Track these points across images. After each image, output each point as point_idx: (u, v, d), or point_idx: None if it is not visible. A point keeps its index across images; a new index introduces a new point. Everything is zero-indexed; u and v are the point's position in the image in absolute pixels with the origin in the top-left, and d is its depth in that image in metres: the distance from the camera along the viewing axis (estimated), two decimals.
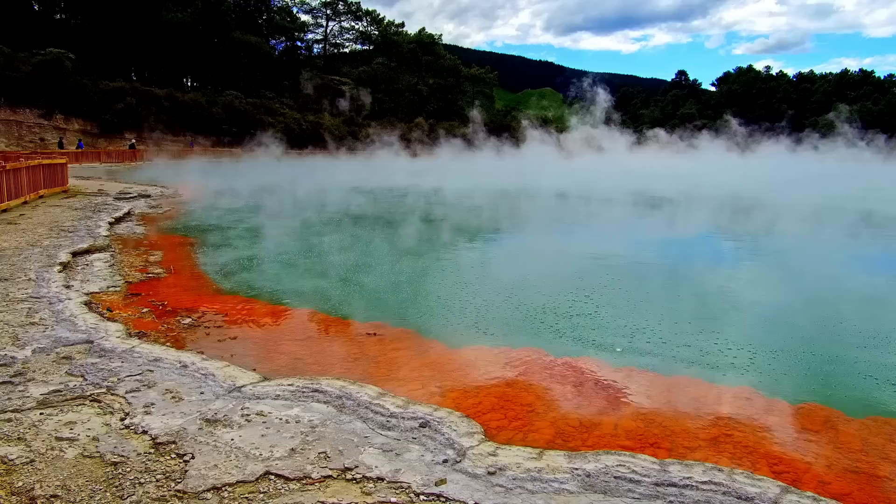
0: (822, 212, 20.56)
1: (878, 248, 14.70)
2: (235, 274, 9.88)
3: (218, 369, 5.04)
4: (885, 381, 5.76)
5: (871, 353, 6.53)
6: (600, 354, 6.30)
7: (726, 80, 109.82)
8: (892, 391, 5.55)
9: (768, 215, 19.74)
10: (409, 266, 11.08)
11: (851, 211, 21.10)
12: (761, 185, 30.72)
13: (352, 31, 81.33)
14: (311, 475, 3.44)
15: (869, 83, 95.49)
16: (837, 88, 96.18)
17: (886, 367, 6.13)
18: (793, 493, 3.39)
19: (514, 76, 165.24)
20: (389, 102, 75.09)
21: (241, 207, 19.57)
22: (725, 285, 9.90)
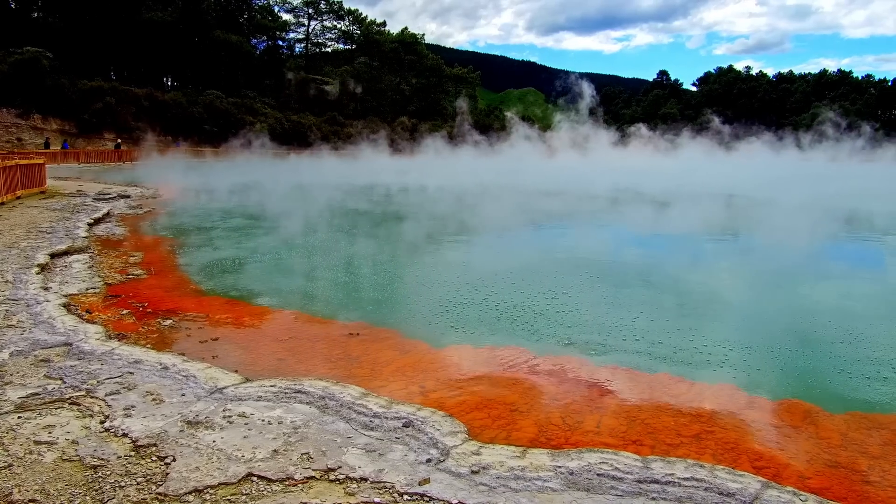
0: (802, 209, 20.79)
1: (855, 244, 14.89)
2: (217, 274, 9.81)
3: (199, 371, 5.00)
4: (863, 377, 5.84)
5: (850, 349, 6.61)
6: (583, 353, 6.33)
7: (707, 81, 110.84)
8: (870, 386, 5.62)
9: (749, 213, 19.93)
10: (391, 265, 11.08)
11: (830, 208, 21.35)
12: (747, 183, 31.02)
13: (334, 30, 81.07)
14: (294, 476, 3.43)
15: (847, 83, 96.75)
16: (816, 88, 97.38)
17: (864, 362, 6.21)
18: (773, 488, 3.43)
19: (496, 76, 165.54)
20: (372, 102, 74.89)
21: (222, 207, 19.45)
22: (705, 282, 9.99)
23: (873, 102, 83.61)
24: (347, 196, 22.97)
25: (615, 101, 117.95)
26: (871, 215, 20.24)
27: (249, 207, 19.73)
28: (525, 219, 18.23)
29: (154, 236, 13.59)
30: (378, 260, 11.37)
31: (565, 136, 61.63)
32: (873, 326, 7.58)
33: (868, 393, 5.48)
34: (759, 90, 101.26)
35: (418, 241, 13.71)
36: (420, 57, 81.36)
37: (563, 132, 62.61)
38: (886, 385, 5.64)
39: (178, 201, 21.11)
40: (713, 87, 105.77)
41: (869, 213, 20.87)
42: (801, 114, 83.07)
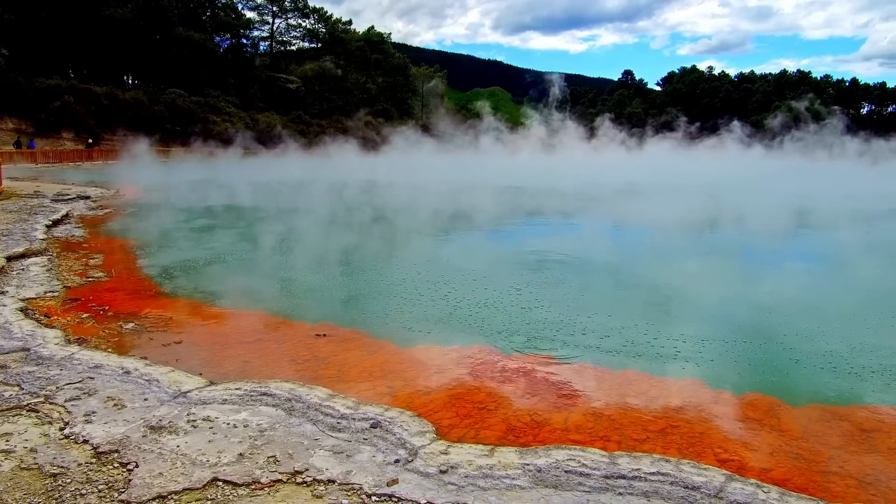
0: (768, 207, 21.19)
1: (816, 241, 15.25)
2: (180, 276, 9.65)
3: (162, 375, 4.91)
4: (822, 370, 5.99)
5: (809, 343, 6.77)
6: (550, 351, 6.37)
7: (671, 80, 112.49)
8: (829, 379, 5.76)
9: (715, 210, 20.25)
10: (358, 265, 11.01)
11: (794, 206, 21.80)
12: (716, 181, 31.51)
13: (299, 28, 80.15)
14: (261, 480, 3.39)
15: (806, 83, 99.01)
16: (776, 88, 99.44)
17: (822, 355, 6.37)
18: (737, 480, 3.49)
19: (463, 75, 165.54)
20: (338, 101, 74.38)
21: (185, 207, 19.12)
22: (669, 280, 10.13)
23: (832, 102, 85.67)
24: (315, 195, 22.76)
25: (581, 101, 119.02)
26: (829, 213, 20.72)
27: (213, 207, 19.45)
28: (492, 216, 18.28)
29: (115, 238, 13.32)
30: (345, 260, 11.29)
31: (536, 133, 61.98)
32: (830, 321, 7.77)
33: (827, 386, 5.62)
34: (721, 90, 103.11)
35: (386, 240, 13.65)
36: (386, 56, 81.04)
37: (534, 129, 62.95)
38: (844, 377, 5.79)
39: (140, 202, 20.72)
40: (677, 87, 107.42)
41: (826, 210, 21.37)
42: (763, 113, 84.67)
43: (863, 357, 6.32)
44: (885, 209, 21.84)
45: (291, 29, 79.92)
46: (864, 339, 6.90)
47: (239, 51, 73.11)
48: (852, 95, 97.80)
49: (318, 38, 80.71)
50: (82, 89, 51.00)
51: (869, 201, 23.84)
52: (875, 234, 16.30)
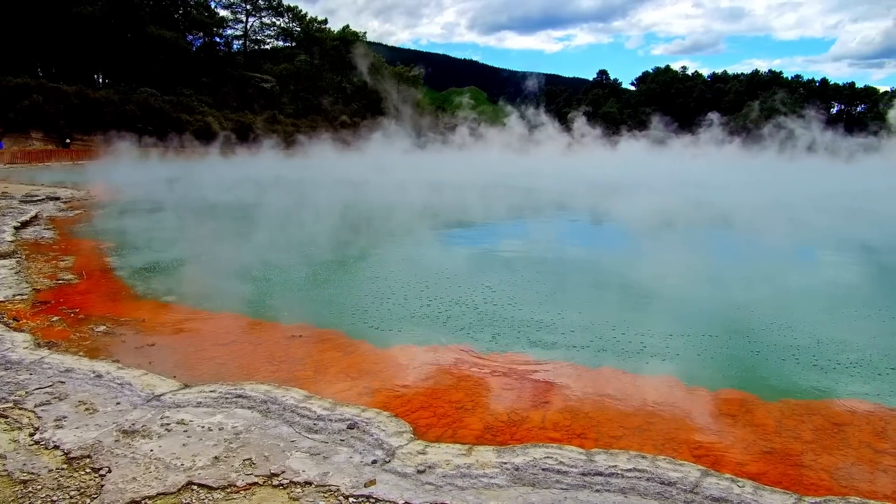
0: (740, 204, 21.47)
1: (784, 238, 15.47)
2: (153, 278, 9.52)
3: (135, 378, 4.84)
4: (795, 365, 6.08)
5: (781, 339, 6.86)
6: (526, 350, 6.39)
7: (645, 80, 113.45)
8: (801, 374, 5.85)
9: (687, 209, 20.47)
10: (332, 265, 10.95)
11: (766, 203, 22.10)
12: (693, 179, 31.85)
13: (273, 27, 79.42)
14: (236, 483, 3.35)
15: (778, 83, 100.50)
16: (749, 88, 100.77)
17: (794, 350, 6.46)
18: (712, 475, 3.53)
19: (439, 75, 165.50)
20: (313, 100, 73.90)
21: (158, 207, 18.87)
22: (642, 277, 10.21)
23: (802, 102, 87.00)
24: (288, 195, 22.59)
25: (557, 100, 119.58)
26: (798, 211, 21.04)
27: (186, 208, 19.21)
28: (468, 215, 18.31)
29: (86, 239, 13.11)
30: (319, 259, 11.23)
31: (514, 131, 62.19)
32: (801, 316, 7.89)
33: (799, 380, 5.71)
34: (695, 90, 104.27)
35: (361, 240, 13.60)
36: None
37: (513, 127, 63.15)
38: (816, 372, 5.88)
39: (112, 202, 20.42)
40: (651, 87, 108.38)
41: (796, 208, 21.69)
42: (736, 112, 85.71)
43: (833, 352, 6.42)
44: (854, 206, 22.22)
45: (265, 28, 79.25)
46: (834, 335, 7.02)
47: (212, 49, 72.32)
48: (822, 95, 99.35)
49: (292, 37, 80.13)
50: (51, 88, 50.08)
51: (840, 199, 24.25)
52: (848, 232, 16.60)
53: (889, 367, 6.03)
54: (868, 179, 34.61)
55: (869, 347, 6.58)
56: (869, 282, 10.38)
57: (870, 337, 6.99)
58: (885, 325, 7.63)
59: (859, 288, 9.81)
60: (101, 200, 20.77)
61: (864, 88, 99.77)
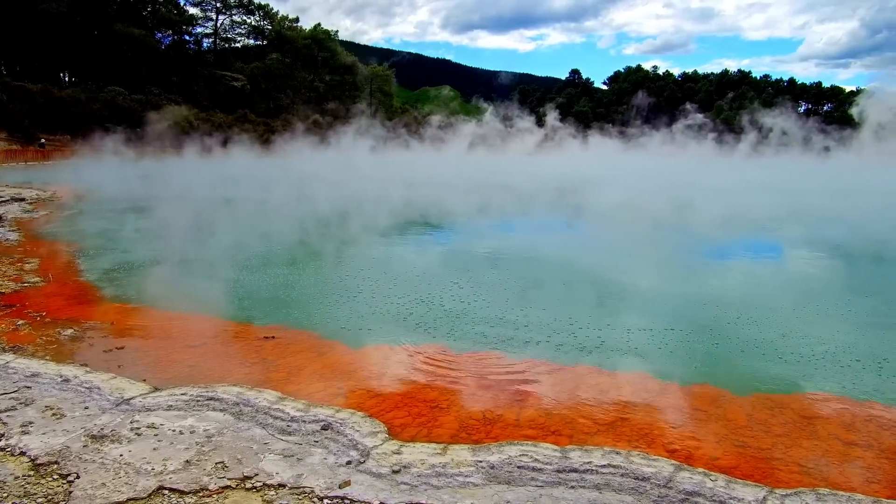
0: (708, 202, 21.76)
1: (752, 235, 15.74)
2: (121, 280, 9.36)
3: (104, 382, 4.76)
4: (765, 359, 6.17)
5: (751, 334, 6.96)
6: (501, 348, 6.40)
7: (617, 79, 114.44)
8: (771, 368, 5.94)
9: (659, 207, 20.69)
10: (304, 265, 10.88)
11: (737, 202, 22.43)
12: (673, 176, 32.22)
13: (244, 25, 78.58)
14: (209, 487, 3.31)
15: (746, 83, 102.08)
16: (718, 87, 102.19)
17: (764, 345, 6.56)
18: (685, 470, 3.56)
19: (412, 74, 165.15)
20: (285, 99, 73.31)
21: (125, 209, 18.57)
22: (613, 275, 10.31)
23: (770, 101, 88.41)
24: (261, 194, 22.38)
25: (530, 99, 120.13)
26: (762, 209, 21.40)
27: (155, 208, 18.93)
28: (438, 214, 18.30)
29: (52, 241, 12.84)
30: (291, 260, 11.14)
31: (490, 130, 62.42)
32: (771, 311, 8.01)
33: (770, 375, 5.79)
34: (665, 89, 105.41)
35: (332, 240, 13.50)
36: (333, 54, 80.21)
37: (488, 126, 63.38)
38: (785, 366, 5.98)
39: (79, 203, 20.04)
40: (623, 86, 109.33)
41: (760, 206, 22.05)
42: (706, 111, 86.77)
43: (802, 346, 6.53)
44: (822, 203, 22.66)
45: (236, 26, 78.43)
46: (803, 329, 7.15)
47: (181, 48, 71.44)
48: (790, 94, 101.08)
49: (263, 36, 79.41)
50: (15, 87, 49.01)
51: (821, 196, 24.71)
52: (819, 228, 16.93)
53: (854, 360, 6.14)
54: (836, 177, 35.30)
55: (835, 341, 6.71)
56: (833, 277, 10.59)
57: (835, 331, 7.12)
58: (850, 319, 7.78)
59: (823, 283, 10.00)
60: (68, 201, 20.38)
61: (831, 88, 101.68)
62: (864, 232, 16.07)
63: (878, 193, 25.79)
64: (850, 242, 14.39)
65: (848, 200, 23.35)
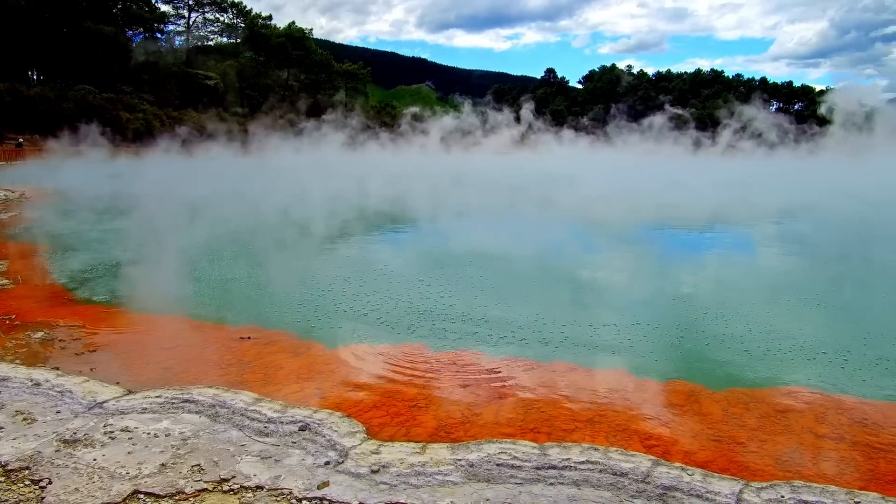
0: (680, 199, 21.99)
1: (724, 232, 15.95)
2: (93, 281, 9.22)
3: (76, 385, 4.67)
4: (739, 354, 6.25)
5: (725, 329, 7.05)
6: (479, 346, 6.41)
7: (591, 78, 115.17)
8: (745, 363, 6.02)
9: (626, 206, 20.87)
10: (280, 265, 10.78)
11: (708, 198, 22.70)
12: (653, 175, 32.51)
13: (216, 22, 77.91)
14: (185, 490, 3.26)
15: (719, 82, 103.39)
16: (692, 87, 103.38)
17: (738, 340, 6.64)
18: (663, 465, 3.59)
19: (387, 72, 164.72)
20: (259, 98, 72.70)
21: (96, 209, 18.28)
22: (588, 273, 10.39)
23: (742, 100, 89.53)
24: (234, 194, 22.17)
25: (506, 98, 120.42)
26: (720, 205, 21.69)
27: (126, 208, 18.65)
28: (412, 214, 18.29)
29: (21, 242, 12.61)
30: (266, 260, 11.04)
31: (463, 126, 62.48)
32: (744, 306, 8.12)
33: (744, 369, 5.87)
34: (640, 88, 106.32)
35: (308, 240, 13.42)
36: (308, 52, 79.69)
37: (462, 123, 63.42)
38: (759, 361, 6.06)
39: (48, 204, 19.70)
40: (597, 85, 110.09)
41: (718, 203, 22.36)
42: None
43: (775, 341, 6.62)
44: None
45: (209, 23, 77.79)
46: (776, 324, 7.24)
47: (153, 45, 70.43)
48: (762, 93, 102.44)
49: (236, 34, 78.70)
50: None
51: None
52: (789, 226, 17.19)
53: (823, 354, 6.25)
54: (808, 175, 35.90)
55: (806, 336, 6.81)
56: (802, 272, 10.76)
57: (807, 325, 7.23)
58: (821, 313, 7.92)
59: (791, 277, 10.16)
60: (37, 202, 20.02)
61: (802, 87, 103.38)
62: (831, 227, 16.37)
63: (845, 191, 26.26)
64: (818, 238, 14.65)
65: (820, 197, 23.77)
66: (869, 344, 6.59)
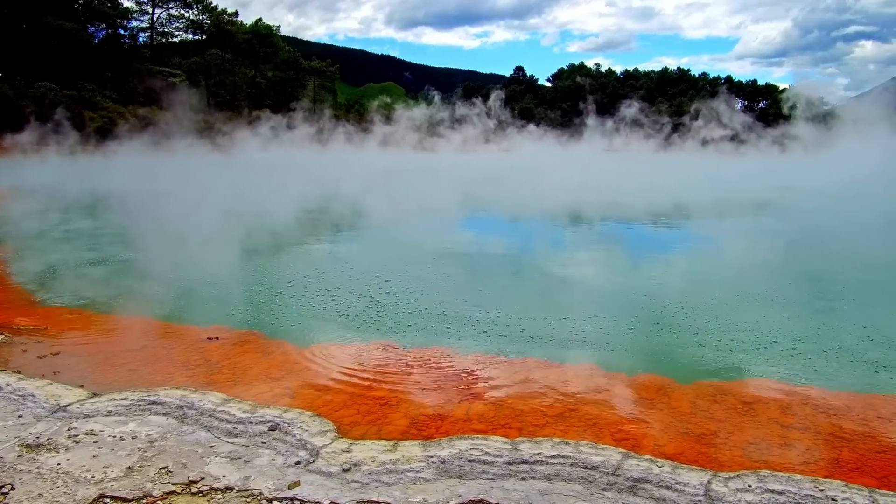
0: (643, 197, 22.26)
1: (687, 227, 16.19)
2: (55, 283, 9.01)
3: (38, 389, 4.57)
4: (706, 348, 6.34)
5: (692, 323, 7.15)
6: (449, 343, 6.41)
7: (560, 77, 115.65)
8: (712, 356, 6.11)
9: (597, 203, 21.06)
10: (247, 264, 10.65)
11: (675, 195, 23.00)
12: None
13: (181, 19, 76.59)
14: (153, 493, 3.21)
15: (685, 81, 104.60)
16: (659, 85, 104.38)
17: (705, 334, 6.75)
18: (633, 458, 3.63)
19: (356, 70, 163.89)
20: (226, 95, 71.71)
21: (57, 209, 17.87)
22: (556, 269, 10.47)
23: (707, 98, 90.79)
24: (199, 192, 21.85)
25: (474, 96, 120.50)
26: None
27: (88, 207, 18.29)
28: (383, 211, 18.22)
29: None
30: (233, 259, 10.90)
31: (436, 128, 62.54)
32: (708, 301, 8.25)
33: (711, 363, 5.96)
34: (608, 86, 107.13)
35: (274, 239, 13.29)
36: (276, 49, 78.77)
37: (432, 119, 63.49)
38: (726, 354, 6.16)
39: (6, 204, 19.21)
40: (566, 83, 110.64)
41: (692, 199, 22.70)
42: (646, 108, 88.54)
43: (741, 334, 6.73)
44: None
45: (173, 20, 76.38)
46: (744, 319, 7.36)
47: (115, 42, 68.98)
48: (727, 92, 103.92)
49: (202, 30, 77.47)
50: None
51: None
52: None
53: (790, 346, 6.37)
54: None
55: (772, 328, 6.93)
56: (763, 266, 10.96)
57: (772, 318, 7.36)
58: (784, 306, 8.07)
59: (756, 271, 10.34)
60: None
61: (766, 86, 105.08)
62: (798, 223, 16.72)
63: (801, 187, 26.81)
64: (783, 232, 14.93)
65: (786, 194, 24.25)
66: (832, 336, 6.73)
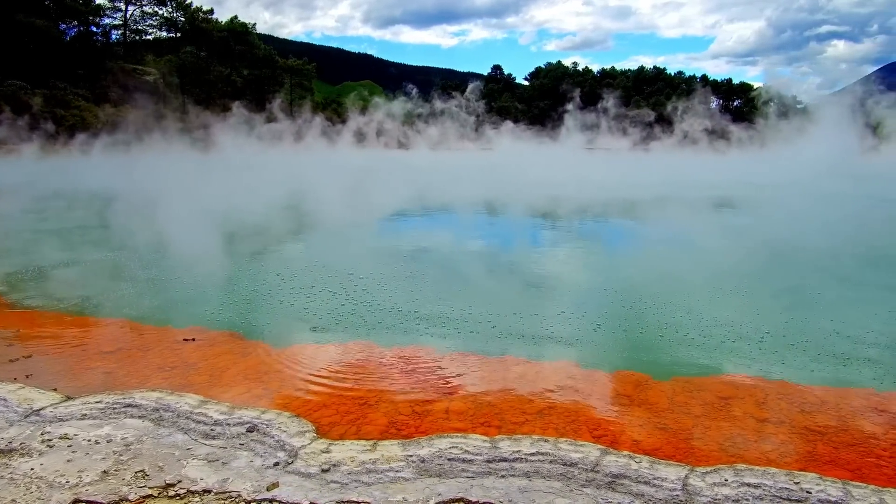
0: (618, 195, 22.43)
1: (666, 225, 16.33)
2: (26, 284, 8.86)
3: (10, 392, 4.49)
4: (683, 345, 6.41)
5: (669, 320, 7.21)
6: (428, 342, 6.41)
7: (538, 75, 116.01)
8: (689, 353, 6.18)
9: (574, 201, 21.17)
10: (223, 264, 10.54)
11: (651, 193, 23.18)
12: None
13: (155, 16, 75.55)
14: (129, 497, 3.17)
15: (661, 79, 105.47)
16: (635, 84, 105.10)
17: (682, 330, 6.82)
18: (611, 454, 3.66)
19: (333, 68, 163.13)
20: (201, 94, 70.94)
21: (27, 210, 17.56)
22: (534, 267, 10.51)
23: (684, 97, 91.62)
24: (173, 193, 21.58)
25: (452, 94, 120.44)
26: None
27: (60, 208, 17.98)
28: (362, 211, 18.16)
29: None
30: (209, 259, 10.77)
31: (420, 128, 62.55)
32: (686, 298, 8.33)
33: (688, 359, 6.02)
34: (585, 85, 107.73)
35: (251, 240, 13.17)
36: (252, 47, 78.04)
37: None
38: (702, 350, 6.23)
39: None
40: (543, 82, 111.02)
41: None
42: (625, 106, 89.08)
43: (717, 331, 6.81)
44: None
45: (147, 17, 75.32)
46: (717, 315, 7.45)
47: (88, 39, 67.90)
48: (703, 90, 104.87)
49: (176, 28, 76.57)
50: None
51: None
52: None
53: (764, 341, 6.46)
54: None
55: (746, 324, 7.02)
56: (734, 263, 11.09)
57: (747, 314, 7.45)
58: (760, 302, 8.17)
59: (726, 268, 10.46)
60: None
61: (740, 84, 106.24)
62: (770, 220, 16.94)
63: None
64: (757, 230, 15.12)
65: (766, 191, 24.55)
66: (806, 331, 6.83)
